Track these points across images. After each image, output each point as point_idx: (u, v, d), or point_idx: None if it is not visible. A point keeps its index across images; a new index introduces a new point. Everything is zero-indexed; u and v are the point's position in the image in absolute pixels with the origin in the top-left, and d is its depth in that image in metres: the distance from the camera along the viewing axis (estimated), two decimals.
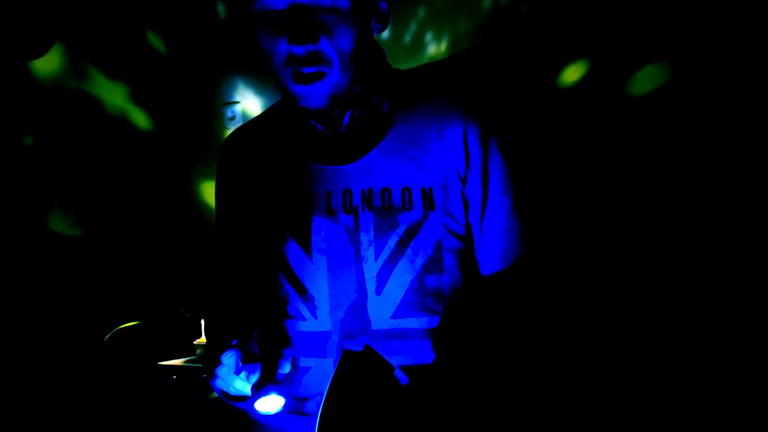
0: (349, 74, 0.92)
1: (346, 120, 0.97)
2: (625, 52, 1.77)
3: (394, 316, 0.94)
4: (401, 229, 0.94)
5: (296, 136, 1.02)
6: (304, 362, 0.99)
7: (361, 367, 0.89)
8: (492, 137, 0.97)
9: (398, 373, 0.94)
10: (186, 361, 2.18)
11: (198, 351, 2.22)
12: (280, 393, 0.82)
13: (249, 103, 2.60)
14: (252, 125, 1.13)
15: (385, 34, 2.16)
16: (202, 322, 2.17)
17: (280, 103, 1.10)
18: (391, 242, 0.94)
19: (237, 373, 0.84)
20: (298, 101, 0.94)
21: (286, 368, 0.85)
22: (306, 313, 0.98)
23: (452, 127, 0.97)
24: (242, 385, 0.85)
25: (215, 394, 1.99)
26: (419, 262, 0.94)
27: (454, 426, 0.93)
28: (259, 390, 0.81)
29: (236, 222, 1.07)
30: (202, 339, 2.22)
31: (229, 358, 0.83)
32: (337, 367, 0.85)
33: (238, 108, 2.65)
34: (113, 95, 2.65)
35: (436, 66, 2.09)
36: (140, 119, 2.69)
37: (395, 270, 0.94)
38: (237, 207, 1.07)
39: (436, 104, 0.99)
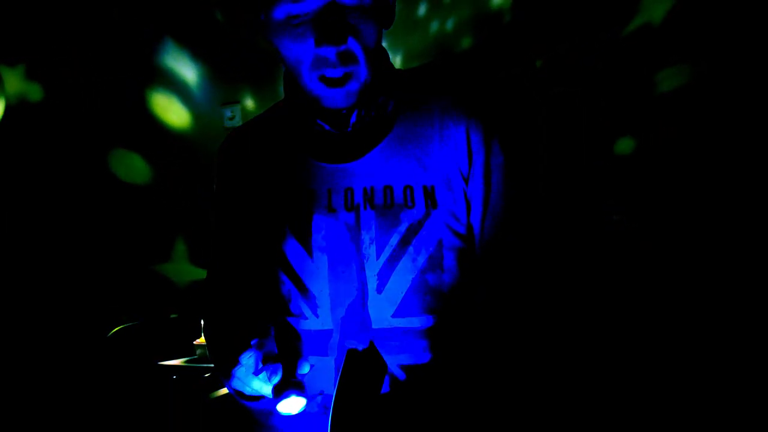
0: (372, 71, 0.93)
1: (353, 119, 0.97)
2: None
3: (395, 315, 0.94)
4: (403, 228, 0.94)
5: (298, 135, 1.03)
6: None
7: (365, 365, 0.89)
8: (494, 137, 0.97)
9: (397, 372, 0.94)
10: (186, 361, 2.18)
11: (198, 351, 2.21)
12: (299, 394, 0.81)
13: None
14: (252, 125, 1.13)
15: None
16: (202, 321, 2.18)
17: (280, 102, 1.10)
18: (393, 240, 0.94)
19: (256, 374, 0.82)
20: (323, 102, 0.94)
21: (305, 368, 0.83)
22: (307, 311, 0.98)
23: (455, 127, 0.97)
24: (259, 386, 0.84)
25: (216, 394, 1.99)
26: (421, 260, 0.94)
27: (454, 425, 0.93)
28: (280, 392, 0.80)
29: (236, 221, 1.07)
30: (203, 339, 2.22)
31: (248, 359, 0.82)
32: (343, 367, 0.85)
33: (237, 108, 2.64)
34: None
35: (438, 66, 2.11)
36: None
37: (397, 268, 0.94)
38: (236, 206, 1.07)
39: (439, 104, 0.99)
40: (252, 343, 0.83)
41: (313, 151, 1.01)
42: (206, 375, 2.06)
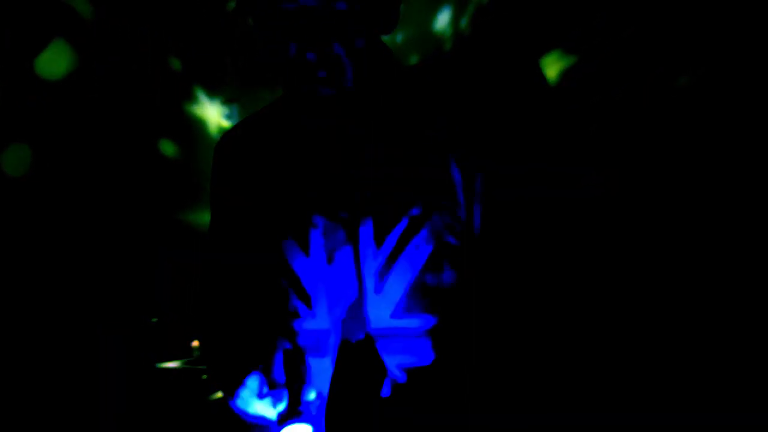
0: (359, 75, 0.93)
1: (349, 119, 0.97)
2: None
3: (393, 316, 0.94)
4: (401, 227, 0.95)
5: (296, 134, 1.03)
6: None
7: (362, 362, 0.90)
8: (494, 137, 0.98)
9: (397, 373, 0.95)
10: (184, 363, 2.18)
11: (196, 353, 2.21)
12: (304, 422, 0.81)
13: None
14: (249, 122, 1.12)
15: None
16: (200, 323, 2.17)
17: (278, 100, 1.10)
18: (391, 240, 0.95)
19: (260, 397, 0.84)
20: (307, 99, 0.95)
21: (312, 395, 0.84)
22: (304, 311, 0.98)
23: (455, 125, 0.97)
24: (263, 409, 0.85)
25: (214, 396, 1.99)
26: (419, 260, 0.94)
27: (453, 425, 0.94)
28: (285, 419, 0.81)
29: (233, 220, 1.07)
30: (198, 342, 2.21)
31: (253, 381, 0.84)
32: (337, 359, 0.85)
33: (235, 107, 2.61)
34: None
35: (438, 65, 2.12)
36: None
37: (395, 268, 0.94)
38: (234, 205, 1.06)
39: (439, 102, 0.99)
40: (259, 367, 0.84)
41: (311, 150, 1.01)
42: (204, 377, 2.06)
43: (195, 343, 2.23)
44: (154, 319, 2.29)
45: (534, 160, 0.99)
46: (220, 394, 1.97)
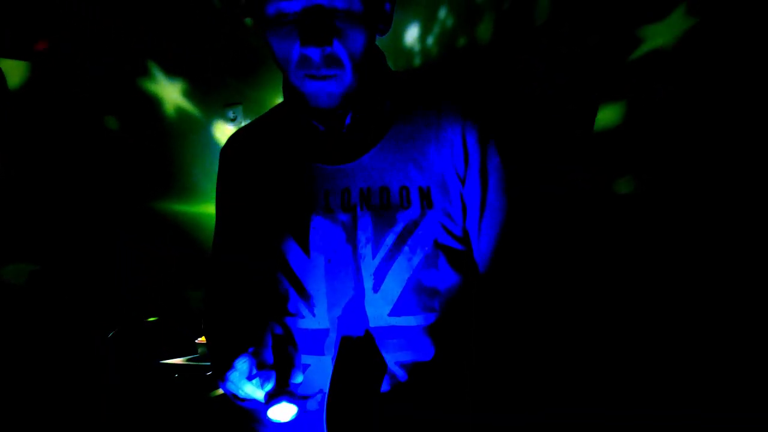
0: (358, 75, 0.93)
1: (348, 120, 0.98)
2: None
3: (391, 314, 0.95)
4: (399, 228, 0.95)
5: (296, 137, 1.03)
6: (303, 360, 1.00)
7: (361, 360, 0.90)
8: (490, 138, 0.98)
9: (396, 370, 0.95)
10: (188, 360, 2.19)
11: (200, 350, 2.23)
12: (291, 401, 0.82)
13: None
14: (253, 126, 1.14)
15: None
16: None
17: (281, 104, 1.11)
18: (389, 240, 0.95)
19: (249, 379, 0.85)
20: (308, 101, 0.95)
21: (299, 378, 0.85)
22: (304, 310, 0.98)
23: (451, 128, 0.98)
24: (252, 390, 0.86)
25: (217, 393, 2.00)
26: (416, 260, 0.95)
27: (453, 422, 0.94)
28: (272, 398, 0.82)
29: (237, 221, 1.08)
30: (204, 338, 2.22)
31: (242, 364, 0.85)
32: (337, 357, 0.86)
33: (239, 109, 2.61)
34: None
35: (435, 68, 2.14)
36: None
37: (392, 267, 0.95)
38: (238, 207, 1.08)
39: (435, 106, 1.00)
40: (249, 350, 0.85)
41: (311, 153, 1.01)
42: (208, 373, 2.07)
43: (201, 340, 2.24)
44: (153, 318, 2.30)
45: (531, 160, 1.00)
46: (221, 391, 1.98)
